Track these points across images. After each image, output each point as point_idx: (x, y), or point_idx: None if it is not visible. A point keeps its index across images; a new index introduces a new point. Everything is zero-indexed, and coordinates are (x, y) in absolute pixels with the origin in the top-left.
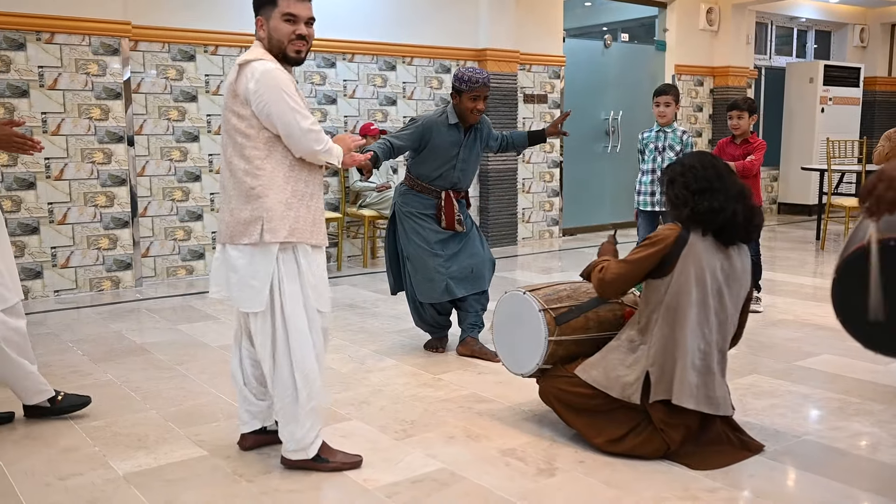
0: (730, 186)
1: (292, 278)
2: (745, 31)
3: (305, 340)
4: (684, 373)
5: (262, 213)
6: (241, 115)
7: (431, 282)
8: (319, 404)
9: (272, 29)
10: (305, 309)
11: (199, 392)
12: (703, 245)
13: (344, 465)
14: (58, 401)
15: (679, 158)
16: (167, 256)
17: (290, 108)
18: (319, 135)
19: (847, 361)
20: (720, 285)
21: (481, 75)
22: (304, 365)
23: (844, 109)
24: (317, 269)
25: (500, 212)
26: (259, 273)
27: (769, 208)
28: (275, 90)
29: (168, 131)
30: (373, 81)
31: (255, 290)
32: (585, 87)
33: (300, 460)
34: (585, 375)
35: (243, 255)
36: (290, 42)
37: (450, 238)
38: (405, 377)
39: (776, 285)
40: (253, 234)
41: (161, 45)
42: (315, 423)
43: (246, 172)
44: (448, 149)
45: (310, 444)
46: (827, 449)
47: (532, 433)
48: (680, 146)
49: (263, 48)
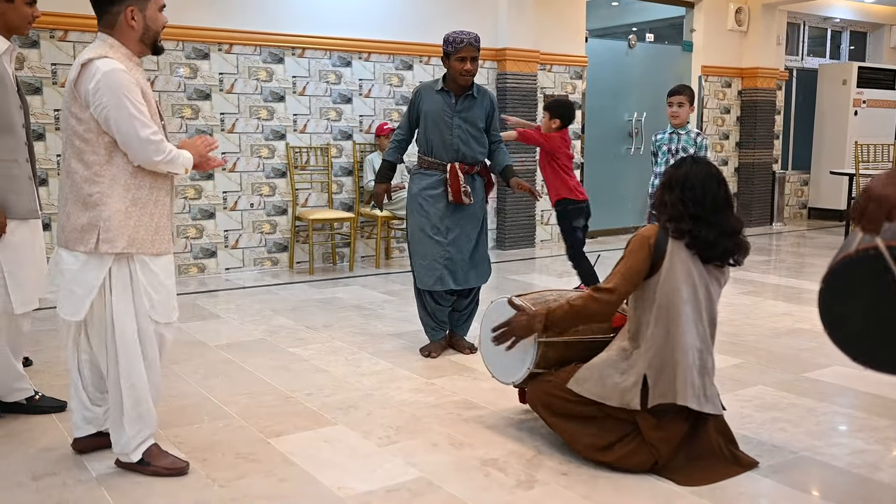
0: (723, 222)
1: (123, 288)
2: (776, 31)
3: (133, 351)
4: (686, 373)
5: (98, 223)
6: (80, 118)
7: (430, 269)
8: (148, 411)
9: (150, 19)
10: (138, 319)
11: (189, 392)
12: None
13: (167, 470)
14: (35, 400)
15: (686, 163)
16: (179, 254)
17: (129, 115)
18: (160, 145)
19: (857, 374)
20: (707, 281)
21: (468, 35)
22: (130, 374)
23: (879, 112)
24: (155, 278)
25: (518, 213)
26: (85, 282)
27: (799, 213)
28: (116, 93)
29: (181, 129)
30: (389, 81)
31: (77, 298)
32: (608, 87)
33: (127, 463)
34: (580, 389)
35: (76, 261)
36: (161, 31)
37: (453, 222)
38: (398, 381)
39: (800, 293)
40: (89, 243)
41: (175, 42)
42: (141, 429)
43: (85, 179)
44: (439, 113)
45: (133, 449)
46: (824, 466)
47: (517, 442)
48: (694, 149)
49: (113, 43)
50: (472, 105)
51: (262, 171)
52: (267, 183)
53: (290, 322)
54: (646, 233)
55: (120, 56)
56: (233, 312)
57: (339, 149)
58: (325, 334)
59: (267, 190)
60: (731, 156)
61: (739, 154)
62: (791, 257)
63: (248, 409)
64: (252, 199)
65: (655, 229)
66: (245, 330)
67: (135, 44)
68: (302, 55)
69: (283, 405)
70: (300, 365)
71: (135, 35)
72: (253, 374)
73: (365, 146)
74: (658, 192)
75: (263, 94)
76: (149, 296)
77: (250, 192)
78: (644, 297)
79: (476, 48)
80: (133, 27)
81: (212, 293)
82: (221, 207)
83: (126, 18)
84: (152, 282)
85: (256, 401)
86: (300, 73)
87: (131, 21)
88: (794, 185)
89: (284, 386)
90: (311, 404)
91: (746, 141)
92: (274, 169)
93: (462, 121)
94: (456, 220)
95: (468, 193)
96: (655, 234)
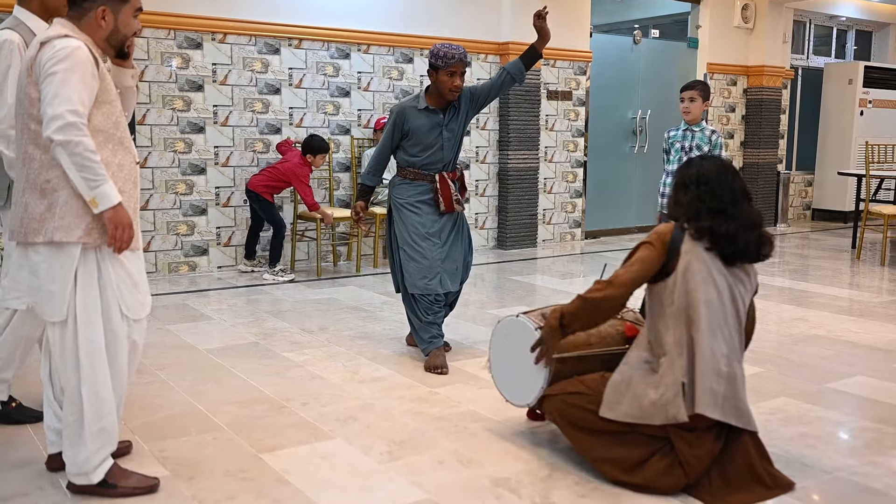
0: (744, 215)
1: (90, 283)
2: (782, 29)
3: (98, 354)
4: (707, 378)
5: (55, 209)
6: (34, 99)
7: (427, 271)
8: (111, 425)
9: (121, 23)
10: (108, 318)
11: (176, 401)
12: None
13: (136, 490)
14: (11, 406)
15: (696, 161)
16: (169, 252)
17: (70, 85)
18: (72, 130)
19: (884, 385)
20: (731, 283)
21: (457, 51)
22: (93, 381)
23: (885, 113)
24: (123, 270)
25: (520, 212)
26: (57, 277)
27: (803, 214)
28: (67, 63)
29: (172, 121)
30: (389, 74)
31: (55, 296)
32: (613, 84)
33: (84, 485)
34: (615, 414)
35: (43, 257)
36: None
37: (444, 227)
38: (399, 390)
39: (808, 297)
40: (47, 231)
41: (167, 31)
42: (104, 445)
43: (42, 164)
44: (429, 132)
45: (94, 468)
46: (862, 489)
47: (531, 459)
48: (708, 146)
49: (73, 28)
50: (455, 114)
51: (257, 165)
52: None
53: (285, 324)
54: (662, 229)
55: (84, 39)
56: (224, 313)
57: (336, 144)
58: (321, 338)
59: None
60: (735, 155)
61: (744, 154)
62: (797, 259)
63: (240, 420)
64: (245, 195)
65: (672, 227)
66: (237, 332)
67: (100, 41)
68: (299, 46)
69: (276, 416)
70: (295, 371)
71: (101, 34)
72: (245, 380)
73: (363, 141)
74: (671, 194)
75: (258, 87)
76: (119, 291)
77: (244, 188)
78: (661, 301)
79: (465, 63)
80: (101, 26)
81: (202, 293)
82: (213, 203)
83: (96, 16)
84: (121, 273)
85: (248, 411)
86: (297, 64)
87: (101, 20)
88: (799, 185)
89: (278, 394)
90: (307, 415)
91: (751, 140)
92: (269, 164)
93: (449, 133)
94: (444, 225)
95: (459, 201)
96: (672, 232)
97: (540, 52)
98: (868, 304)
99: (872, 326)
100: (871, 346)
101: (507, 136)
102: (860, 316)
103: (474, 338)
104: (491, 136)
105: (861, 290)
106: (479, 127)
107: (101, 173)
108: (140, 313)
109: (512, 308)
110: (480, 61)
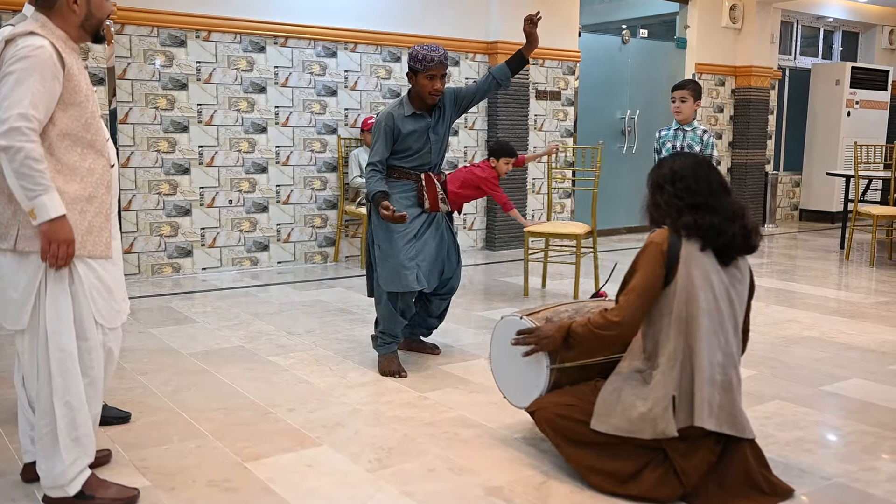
0: (725, 206)
1: (61, 291)
2: (770, 29)
3: (70, 364)
4: (703, 389)
5: (19, 216)
6: None
7: (402, 268)
8: (87, 435)
9: (94, 6)
10: (81, 327)
11: (157, 407)
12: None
13: (114, 501)
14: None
15: (667, 160)
16: (152, 253)
17: (23, 88)
18: (16, 135)
19: (880, 388)
20: (727, 286)
21: (437, 52)
22: (65, 391)
23: (871, 113)
24: (96, 277)
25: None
26: (21, 284)
27: (790, 215)
28: (25, 64)
29: (155, 121)
30: (376, 73)
31: (17, 305)
32: (601, 84)
33: (61, 498)
34: (605, 427)
35: (9, 262)
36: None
37: (423, 225)
38: (388, 394)
39: (798, 297)
40: (10, 239)
41: (149, 28)
42: (79, 457)
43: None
44: (419, 136)
45: (69, 480)
46: (862, 496)
47: (524, 466)
48: (700, 146)
49: (45, 23)
50: (441, 116)
51: (242, 165)
52: (247, 178)
53: (271, 327)
54: (656, 239)
55: (53, 37)
56: (209, 316)
57: (322, 143)
58: (307, 341)
59: (247, 186)
60: (723, 156)
61: (732, 154)
62: (785, 260)
63: (224, 427)
64: (231, 196)
65: (666, 234)
66: (222, 336)
67: (73, 29)
68: (285, 44)
69: (261, 422)
70: (281, 376)
71: (75, 20)
72: (229, 385)
73: (350, 141)
74: (649, 198)
75: (244, 85)
76: (92, 299)
77: (229, 188)
78: (660, 309)
79: (445, 65)
80: (74, 11)
81: (187, 295)
82: (198, 204)
83: (68, 2)
84: (94, 282)
85: (233, 417)
86: (283, 63)
87: (73, 5)
88: (786, 186)
89: (264, 400)
90: (293, 421)
91: (739, 141)
92: (254, 164)
93: (436, 136)
94: (423, 224)
95: (444, 200)
96: (667, 239)
97: (527, 58)
98: (859, 304)
99: (865, 328)
100: (865, 348)
101: (495, 136)
102: (852, 317)
103: (463, 340)
104: (479, 136)
105: (851, 290)
106: (467, 127)
107: (41, 183)
108: (115, 322)
109: (501, 310)
110: (468, 60)
